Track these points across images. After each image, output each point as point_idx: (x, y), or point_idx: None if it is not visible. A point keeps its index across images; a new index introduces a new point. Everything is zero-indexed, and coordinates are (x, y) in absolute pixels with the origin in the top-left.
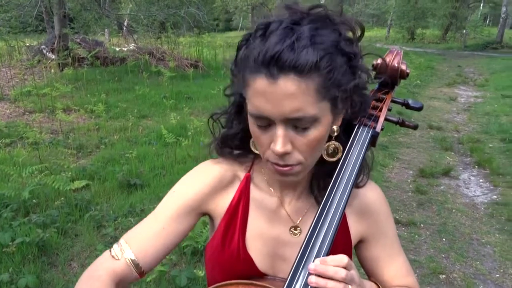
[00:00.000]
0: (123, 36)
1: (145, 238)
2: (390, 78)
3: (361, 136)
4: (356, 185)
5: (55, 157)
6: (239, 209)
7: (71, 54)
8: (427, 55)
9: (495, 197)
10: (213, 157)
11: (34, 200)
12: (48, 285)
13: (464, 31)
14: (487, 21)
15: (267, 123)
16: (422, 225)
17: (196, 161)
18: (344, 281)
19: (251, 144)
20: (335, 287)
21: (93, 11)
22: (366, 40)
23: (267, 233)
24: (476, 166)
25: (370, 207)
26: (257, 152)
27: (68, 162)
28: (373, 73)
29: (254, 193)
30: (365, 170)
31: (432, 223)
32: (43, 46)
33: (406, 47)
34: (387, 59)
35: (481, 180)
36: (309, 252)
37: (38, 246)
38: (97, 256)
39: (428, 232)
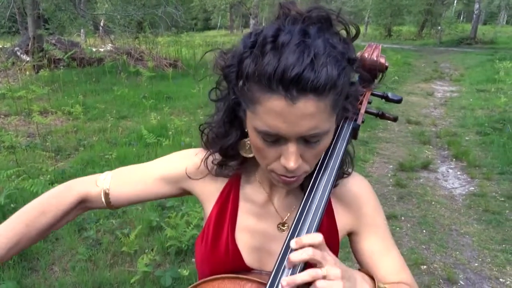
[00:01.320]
0: (99, 37)
1: (126, 182)
2: (369, 72)
3: (343, 128)
4: (341, 175)
5: (33, 160)
6: (229, 201)
7: (47, 56)
8: (404, 51)
9: (473, 188)
10: None
11: (12, 205)
12: None
13: (439, 27)
14: (461, 18)
15: (276, 139)
16: (403, 217)
17: None
18: (313, 258)
19: (240, 146)
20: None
21: (68, 12)
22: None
23: (255, 228)
24: (454, 159)
25: (357, 198)
26: (246, 155)
27: (46, 165)
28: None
29: (244, 187)
30: (348, 161)
31: (412, 216)
32: (16, 48)
33: (383, 44)
34: (366, 53)
35: (458, 173)
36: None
37: None
38: (78, 259)
39: (408, 225)
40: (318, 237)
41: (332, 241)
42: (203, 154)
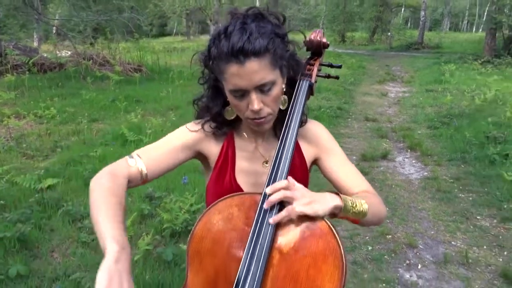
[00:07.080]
0: (54, 44)
1: (153, 156)
2: (316, 49)
3: (301, 86)
4: (303, 122)
5: (11, 162)
6: (229, 153)
7: (7, 61)
8: (357, 56)
9: (426, 173)
10: None
11: (1, 202)
12: (36, 272)
13: (389, 33)
14: (409, 24)
15: (241, 94)
16: None
17: None
18: (285, 197)
19: (224, 113)
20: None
21: (24, 16)
22: (301, 42)
23: (249, 168)
24: (409, 150)
25: (315, 134)
26: (229, 118)
27: (35, 163)
28: (304, 47)
29: (238, 141)
30: (306, 112)
31: None
32: None
33: (338, 49)
34: (312, 36)
35: (413, 161)
36: (275, 172)
37: (19, 240)
38: (78, 245)
39: None
40: (284, 182)
41: (304, 169)
42: (198, 124)
